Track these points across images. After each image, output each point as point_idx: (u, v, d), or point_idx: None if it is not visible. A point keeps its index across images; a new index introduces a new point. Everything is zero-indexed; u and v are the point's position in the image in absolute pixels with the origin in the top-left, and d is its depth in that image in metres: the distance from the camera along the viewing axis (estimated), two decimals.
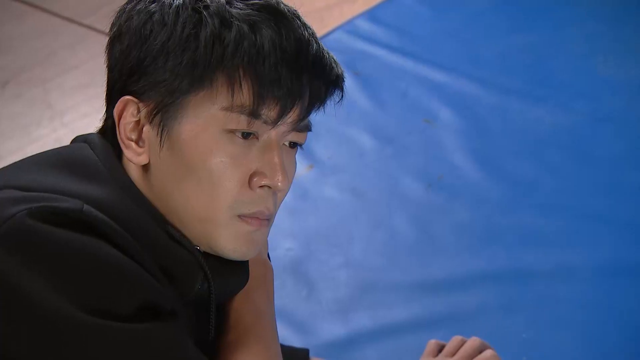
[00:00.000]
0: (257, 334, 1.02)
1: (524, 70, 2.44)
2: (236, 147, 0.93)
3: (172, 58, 0.91)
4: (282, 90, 0.91)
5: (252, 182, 0.94)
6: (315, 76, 0.94)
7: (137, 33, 0.94)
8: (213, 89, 0.91)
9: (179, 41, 0.91)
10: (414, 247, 1.84)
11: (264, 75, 0.90)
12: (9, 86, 2.48)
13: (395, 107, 2.31)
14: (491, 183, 2.01)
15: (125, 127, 0.95)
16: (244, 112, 0.91)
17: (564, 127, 2.20)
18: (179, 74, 0.91)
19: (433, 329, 1.62)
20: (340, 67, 0.98)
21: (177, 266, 0.95)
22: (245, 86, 0.91)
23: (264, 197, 0.95)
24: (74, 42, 2.71)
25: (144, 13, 0.94)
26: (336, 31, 2.62)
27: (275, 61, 0.91)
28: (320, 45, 0.96)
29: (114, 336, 0.83)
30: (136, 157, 0.95)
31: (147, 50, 0.92)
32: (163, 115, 0.93)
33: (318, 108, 0.97)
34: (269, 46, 0.90)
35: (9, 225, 0.84)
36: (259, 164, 0.94)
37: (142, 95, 0.93)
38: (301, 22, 0.95)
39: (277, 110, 0.92)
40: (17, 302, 0.83)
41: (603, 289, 1.71)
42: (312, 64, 0.93)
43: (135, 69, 0.93)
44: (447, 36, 2.60)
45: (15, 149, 2.22)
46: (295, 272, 1.77)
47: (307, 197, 1.98)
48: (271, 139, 0.95)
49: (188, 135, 0.92)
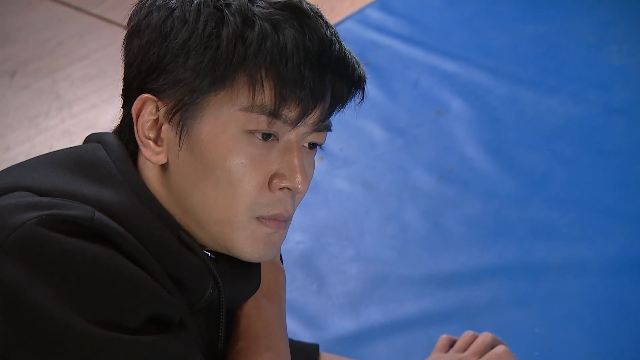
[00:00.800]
0: (268, 342, 1.01)
1: (536, 60, 2.42)
2: (256, 149, 0.92)
3: (193, 56, 0.89)
4: (304, 91, 0.90)
5: (272, 184, 0.93)
6: (338, 77, 0.93)
7: (157, 29, 0.92)
8: (234, 89, 0.90)
9: (200, 39, 0.90)
10: (425, 240, 1.83)
11: (286, 75, 0.89)
12: (17, 76, 2.47)
13: (406, 98, 2.29)
14: (503, 176, 2.00)
15: (143, 126, 0.94)
16: (264, 113, 0.90)
17: (576, 118, 2.18)
18: (200, 73, 0.90)
19: (444, 323, 1.61)
20: (362, 68, 0.97)
21: (188, 273, 0.94)
22: (267, 86, 0.90)
23: (283, 199, 0.94)
24: (83, 31, 2.70)
25: (164, 9, 0.92)
26: (347, 20, 2.60)
27: (299, 61, 0.89)
28: (343, 46, 0.94)
29: (121, 349, 0.82)
30: (154, 157, 0.94)
31: (167, 47, 0.91)
32: (183, 115, 0.91)
33: (340, 109, 0.96)
34: (292, 46, 0.89)
35: (19, 233, 0.83)
36: (279, 166, 0.93)
37: (161, 93, 0.92)
38: (324, 21, 0.94)
39: (299, 111, 0.91)
40: (24, 312, 0.82)
41: (615, 284, 1.70)
42: (335, 64, 0.92)
43: (154, 67, 0.92)
44: (459, 25, 2.58)
45: (23, 139, 2.21)
46: (305, 266, 1.76)
47: (317, 190, 1.96)
48: (291, 141, 0.94)
49: (207, 136, 0.91)
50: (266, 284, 1.05)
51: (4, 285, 0.82)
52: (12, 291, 0.82)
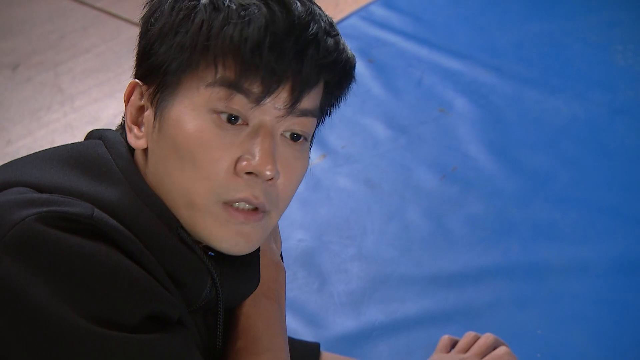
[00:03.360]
0: (267, 342, 1.00)
1: (541, 59, 2.41)
2: (221, 131, 0.92)
3: (166, 42, 0.93)
4: (265, 70, 0.90)
5: (237, 167, 0.92)
6: (305, 59, 0.92)
7: (146, 22, 0.97)
8: (199, 69, 0.92)
9: (172, 25, 0.93)
10: (427, 239, 1.82)
11: (245, 54, 0.90)
12: (19, 70, 2.46)
13: (410, 96, 2.28)
14: (506, 175, 1.99)
15: (131, 112, 0.97)
16: (224, 85, 0.91)
17: (581, 118, 2.17)
18: (170, 56, 0.92)
19: (446, 323, 1.61)
20: (344, 54, 0.96)
21: (186, 271, 0.93)
22: (228, 65, 0.91)
23: (250, 184, 0.92)
24: (85, 25, 2.69)
25: (156, 3, 0.97)
26: (351, 17, 2.59)
27: (259, 42, 0.90)
28: (325, 30, 0.94)
29: (118, 346, 0.82)
30: (135, 141, 0.96)
31: (149, 36, 0.95)
32: (159, 97, 0.94)
33: (309, 91, 0.94)
34: (254, 28, 0.90)
35: (18, 230, 0.82)
36: (245, 149, 0.92)
37: (145, 79, 0.95)
38: (305, 7, 0.93)
39: (261, 89, 0.91)
40: (22, 309, 0.81)
41: (618, 285, 1.70)
42: (303, 46, 0.92)
43: (141, 55, 0.96)
44: (463, 23, 2.58)
45: (25, 133, 2.20)
46: (307, 264, 1.76)
47: (319, 187, 1.95)
48: (262, 124, 0.93)
49: (176, 116, 0.92)
50: (266, 282, 1.04)
51: (3, 282, 0.82)
52: (10, 288, 0.81)
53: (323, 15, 0.96)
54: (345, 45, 0.96)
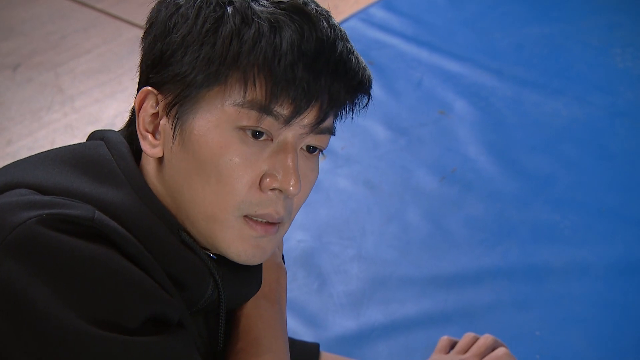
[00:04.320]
0: (268, 344, 1.01)
1: (541, 62, 2.41)
2: (247, 147, 0.91)
3: (190, 52, 0.91)
4: (297, 90, 0.90)
5: (263, 184, 0.92)
6: (336, 79, 0.92)
7: (162, 25, 0.94)
8: (227, 85, 0.90)
9: (198, 35, 0.91)
10: (427, 241, 1.82)
11: (278, 74, 0.89)
12: (20, 70, 2.46)
13: (410, 98, 2.29)
14: (505, 177, 1.99)
15: (144, 119, 0.95)
16: (255, 108, 0.90)
17: (580, 120, 2.18)
18: (195, 68, 0.90)
19: (445, 324, 1.61)
20: (368, 73, 0.96)
21: (188, 274, 0.93)
22: (258, 84, 0.90)
23: (273, 200, 0.93)
24: (86, 26, 2.69)
25: (172, 5, 0.94)
26: (351, 19, 2.60)
27: (292, 61, 0.89)
28: (348, 49, 0.94)
29: (119, 349, 0.82)
30: (151, 150, 0.95)
31: (169, 42, 0.92)
32: (179, 109, 0.92)
33: (337, 111, 0.95)
34: (286, 46, 0.89)
35: (19, 232, 0.82)
36: (270, 166, 0.92)
37: (161, 87, 0.93)
38: (329, 23, 0.93)
39: (291, 109, 0.91)
40: (23, 311, 0.81)
41: (617, 287, 1.70)
42: (333, 66, 0.91)
43: (157, 61, 0.93)
44: (463, 26, 2.58)
45: (25, 133, 2.20)
46: (307, 265, 1.76)
47: (319, 189, 1.96)
48: (287, 141, 0.93)
49: (200, 131, 0.91)
50: (267, 284, 1.04)
51: (3, 283, 0.82)
52: (11, 290, 0.81)
53: (341, 29, 0.96)
54: (362, 61, 0.96)
